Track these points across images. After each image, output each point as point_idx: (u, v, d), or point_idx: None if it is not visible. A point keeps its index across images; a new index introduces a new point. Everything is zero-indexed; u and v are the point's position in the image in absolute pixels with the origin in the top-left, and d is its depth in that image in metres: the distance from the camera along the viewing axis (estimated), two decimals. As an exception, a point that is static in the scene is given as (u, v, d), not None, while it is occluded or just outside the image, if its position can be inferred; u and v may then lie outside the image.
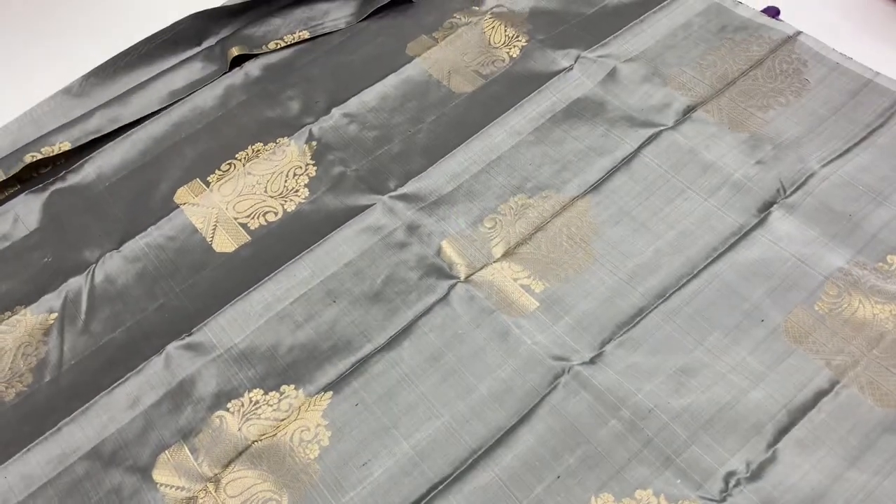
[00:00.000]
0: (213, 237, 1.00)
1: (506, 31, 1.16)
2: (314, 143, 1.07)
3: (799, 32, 1.06)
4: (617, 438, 0.78)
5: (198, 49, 1.22)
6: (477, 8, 1.20)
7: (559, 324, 0.86)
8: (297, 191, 1.03)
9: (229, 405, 0.85)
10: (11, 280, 0.99)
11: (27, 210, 1.06)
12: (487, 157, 1.02)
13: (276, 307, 0.92)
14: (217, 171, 1.07)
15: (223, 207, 1.02)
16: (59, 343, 0.92)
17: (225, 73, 1.18)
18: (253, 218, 1.01)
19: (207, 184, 1.05)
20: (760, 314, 0.84)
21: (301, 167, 1.05)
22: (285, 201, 1.02)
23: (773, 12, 1.09)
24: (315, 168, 1.05)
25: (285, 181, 1.04)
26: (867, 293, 0.83)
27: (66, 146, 1.09)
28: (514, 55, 1.13)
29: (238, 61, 1.19)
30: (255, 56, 1.20)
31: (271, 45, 1.20)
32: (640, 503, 0.74)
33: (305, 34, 1.21)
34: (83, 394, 0.88)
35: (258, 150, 1.08)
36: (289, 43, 1.21)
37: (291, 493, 0.79)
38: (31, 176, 1.10)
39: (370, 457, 0.80)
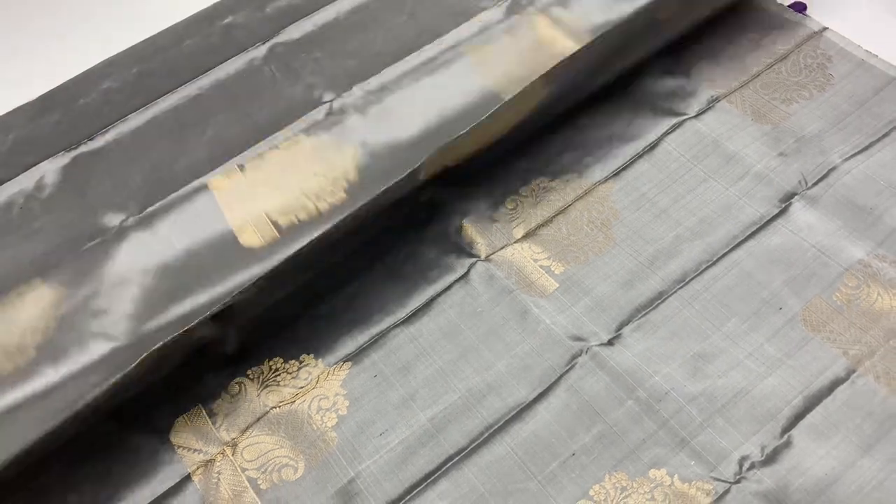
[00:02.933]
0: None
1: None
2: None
3: (825, 28, 1.07)
4: (633, 419, 0.79)
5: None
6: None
7: (578, 305, 0.87)
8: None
9: (249, 372, 0.86)
10: (33, 241, 0.99)
11: (50, 173, 1.06)
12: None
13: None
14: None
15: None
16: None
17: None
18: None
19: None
20: (779, 302, 0.84)
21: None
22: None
23: (799, 7, 1.10)
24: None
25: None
26: (886, 285, 0.84)
27: None
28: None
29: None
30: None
31: None
32: (653, 482, 0.75)
33: None
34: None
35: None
36: None
37: (308, 459, 0.79)
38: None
39: (387, 427, 0.81)
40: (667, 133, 1.00)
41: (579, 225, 0.93)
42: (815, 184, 0.92)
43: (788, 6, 1.11)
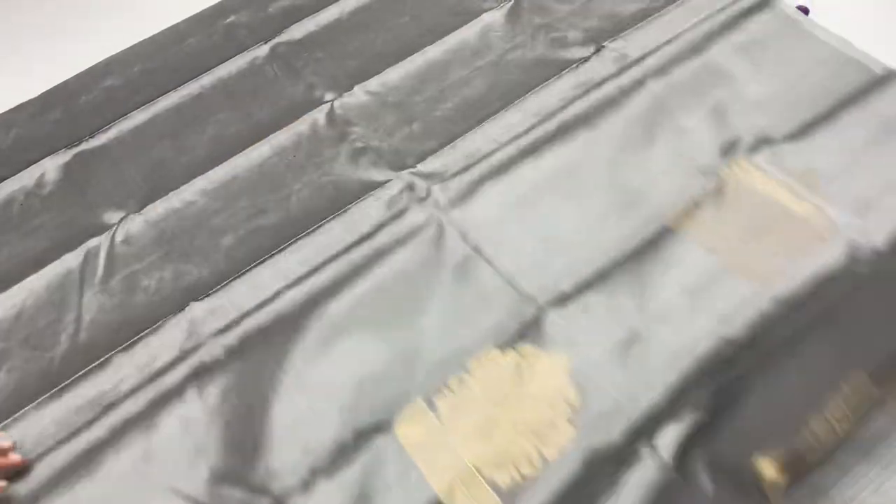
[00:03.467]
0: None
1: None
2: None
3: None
4: None
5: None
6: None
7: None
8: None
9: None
10: (33, 238, 1.00)
11: (50, 171, 1.07)
12: (504, 138, 1.03)
13: (290, 276, 0.93)
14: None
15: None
16: (77, 301, 0.93)
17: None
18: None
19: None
20: None
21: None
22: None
23: (802, 10, 1.10)
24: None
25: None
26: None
27: None
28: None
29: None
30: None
31: None
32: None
33: None
34: (99, 350, 0.89)
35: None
36: None
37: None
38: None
39: None
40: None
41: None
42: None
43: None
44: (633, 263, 0.85)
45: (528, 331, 0.82)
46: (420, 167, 1.02)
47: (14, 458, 0.80)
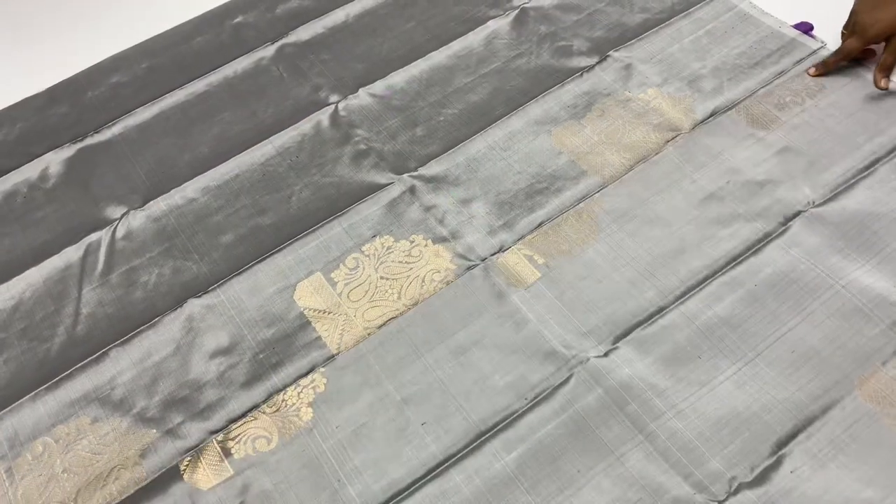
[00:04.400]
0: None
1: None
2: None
3: (824, 45, 1.07)
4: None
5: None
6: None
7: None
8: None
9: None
10: (34, 230, 1.01)
11: (54, 164, 1.08)
12: (506, 144, 1.03)
13: (290, 276, 0.93)
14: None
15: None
16: (76, 295, 0.94)
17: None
18: (274, 188, 1.03)
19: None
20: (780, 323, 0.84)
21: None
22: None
23: (805, 28, 1.10)
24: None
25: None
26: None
27: None
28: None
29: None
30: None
31: None
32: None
33: None
34: (95, 344, 0.90)
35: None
36: None
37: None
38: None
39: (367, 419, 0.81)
40: (666, 144, 1.00)
41: (565, 231, 0.94)
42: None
43: (794, 26, 1.11)
44: None
45: None
46: (422, 171, 1.02)
47: None
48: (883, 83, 1.01)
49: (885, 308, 0.83)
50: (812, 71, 1.04)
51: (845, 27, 1.04)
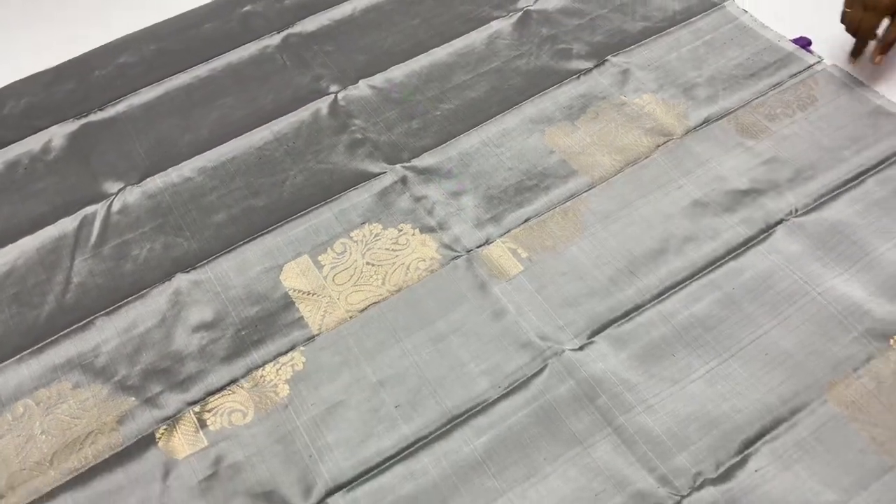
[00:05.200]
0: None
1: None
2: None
3: (821, 60, 1.08)
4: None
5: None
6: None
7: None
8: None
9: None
10: (33, 201, 1.03)
11: (57, 138, 1.10)
12: (499, 141, 1.05)
13: (278, 257, 0.95)
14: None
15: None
16: (69, 264, 0.96)
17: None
18: (269, 171, 1.05)
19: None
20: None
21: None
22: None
23: (803, 42, 1.11)
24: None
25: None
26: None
27: None
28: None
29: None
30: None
31: None
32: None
33: None
34: (83, 312, 0.92)
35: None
36: None
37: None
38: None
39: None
40: (656, 148, 1.01)
41: (551, 228, 0.95)
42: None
43: (793, 40, 1.12)
44: None
45: None
46: (415, 162, 1.04)
47: None
48: (877, 59, 1.03)
49: (858, 316, 0.84)
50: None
51: (848, 5, 1.04)
